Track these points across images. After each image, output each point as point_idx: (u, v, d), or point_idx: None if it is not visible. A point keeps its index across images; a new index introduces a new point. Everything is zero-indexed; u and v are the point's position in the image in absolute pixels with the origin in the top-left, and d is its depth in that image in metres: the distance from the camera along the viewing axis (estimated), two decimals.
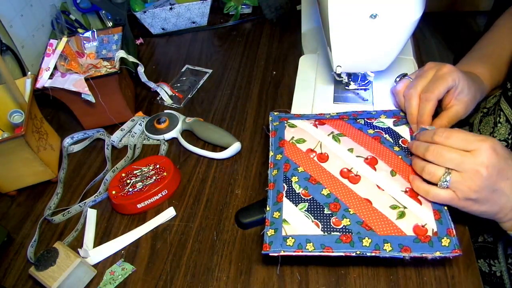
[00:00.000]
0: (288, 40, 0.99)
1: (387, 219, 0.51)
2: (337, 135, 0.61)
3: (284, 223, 0.52)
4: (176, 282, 0.57)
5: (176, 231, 0.63)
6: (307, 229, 0.52)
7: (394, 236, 0.49)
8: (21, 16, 0.89)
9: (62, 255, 0.56)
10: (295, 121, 0.65)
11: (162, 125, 0.77)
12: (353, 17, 0.55)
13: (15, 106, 0.73)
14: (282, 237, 0.51)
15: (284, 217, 0.53)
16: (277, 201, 0.55)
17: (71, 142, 0.80)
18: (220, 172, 0.71)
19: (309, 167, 0.57)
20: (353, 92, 0.71)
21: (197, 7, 1.02)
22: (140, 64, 0.81)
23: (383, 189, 0.54)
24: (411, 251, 0.48)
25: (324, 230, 0.51)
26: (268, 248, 0.51)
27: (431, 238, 0.49)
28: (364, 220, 0.51)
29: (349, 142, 0.60)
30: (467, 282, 0.53)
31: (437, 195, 0.50)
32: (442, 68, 0.58)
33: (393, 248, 0.49)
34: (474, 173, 0.46)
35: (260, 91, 0.86)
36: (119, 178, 0.68)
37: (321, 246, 0.50)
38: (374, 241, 0.49)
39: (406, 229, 0.50)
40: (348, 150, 0.58)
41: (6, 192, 0.72)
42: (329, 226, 0.51)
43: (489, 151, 0.46)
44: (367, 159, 0.57)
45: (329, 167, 0.57)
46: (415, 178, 0.53)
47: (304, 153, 0.59)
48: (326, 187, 0.55)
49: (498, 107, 0.64)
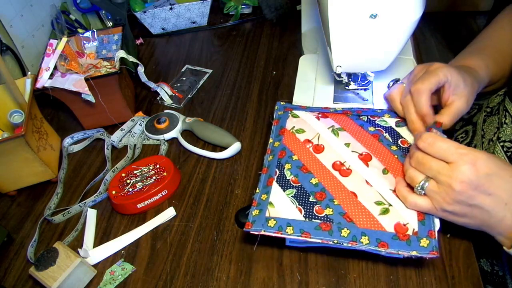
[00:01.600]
0: (288, 40, 0.99)
1: (369, 214, 0.52)
2: (337, 129, 0.62)
3: (269, 205, 0.55)
4: (176, 282, 0.57)
5: (176, 231, 0.63)
6: (290, 214, 0.53)
7: (373, 231, 0.50)
8: (21, 16, 0.89)
9: (62, 255, 0.56)
10: (299, 112, 0.66)
11: (162, 125, 0.77)
12: (353, 17, 0.55)
13: (15, 106, 0.73)
14: (265, 217, 0.53)
15: (271, 200, 0.55)
16: (267, 185, 0.58)
17: (71, 142, 0.80)
18: (220, 172, 0.71)
19: (303, 156, 0.59)
20: (353, 92, 0.71)
21: (197, 7, 1.02)
22: (140, 64, 0.81)
23: (372, 185, 0.55)
24: (388, 247, 0.49)
25: (306, 217, 0.53)
26: (250, 227, 0.53)
27: (410, 237, 0.49)
28: (347, 212, 0.52)
29: (348, 137, 0.61)
30: (467, 282, 0.53)
31: (414, 202, 0.50)
32: (432, 66, 0.58)
33: (370, 241, 0.49)
34: (447, 186, 0.46)
35: (260, 91, 0.86)
36: (119, 178, 0.68)
37: (300, 230, 0.52)
38: (352, 233, 0.50)
39: (387, 225, 0.51)
40: (345, 145, 0.59)
41: (6, 192, 0.72)
42: (311, 213, 0.53)
43: (466, 165, 0.45)
44: (362, 155, 0.58)
45: (323, 158, 0.58)
46: (400, 181, 0.53)
47: (301, 143, 0.61)
48: (315, 176, 0.56)
49: (503, 108, 0.64)
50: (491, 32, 0.71)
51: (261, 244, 0.59)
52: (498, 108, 0.67)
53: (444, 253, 0.56)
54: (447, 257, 0.55)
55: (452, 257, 0.55)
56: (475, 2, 2.44)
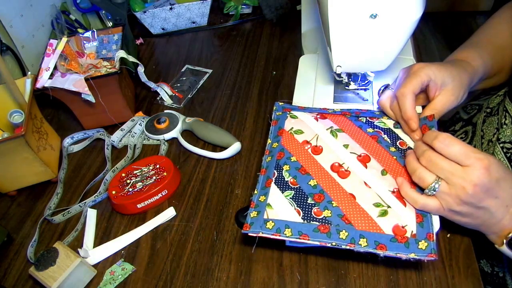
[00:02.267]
0: (288, 40, 0.99)
1: (367, 216, 0.52)
2: (335, 130, 0.62)
3: (267, 207, 0.54)
4: (176, 282, 0.57)
5: (176, 231, 0.63)
6: (288, 216, 0.53)
7: (371, 233, 0.50)
8: (21, 16, 0.89)
9: (62, 255, 0.56)
10: (297, 113, 0.66)
11: (162, 125, 0.77)
12: (353, 17, 0.55)
13: (15, 106, 0.73)
14: (263, 219, 0.53)
15: (269, 202, 0.55)
16: (265, 186, 0.57)
17: (71, 142, 0.80)
18: (220, 172, 0.71)
19: (301, 157, 0.59)
20: (353, 92, 0.71)
21: (197, 7, 1.02)
22: (140, 64, 0.81)
23: (370, 187, 0.54)
24: (386, 249, 0.49)
25: (304, 218, 0.53)
26: (248, 228, 0.53)
27: (408, 239, 0.49)
28: (345, 214, 0.52)
29: (346, 138, 0.60)
30: (467, 282, 0.53)
31: (426, 205, 0.50)
32: (413, 67, 0.58)
33: (369, 244, 0.49)
34: (461, 188, 0.46)
35: (260, 91, 0.86)
36: (119, 178, 0.68)
37: (298, 233, 0.51)
38: (351, 235, 0.50)
39: (386, 227, 0.51)
40: (343, 146, 0.59)
41: (6, 192, 0.72)
42: (310, 215, 0.53)
43: (482, 170, 0.45)
44: (360, 156, 0.58)
45: (321, 159, 0.58)
46: (403, 183, 0.53)
47: (299, 144, 0.61)
48: (314, 178, 0.56)
49: (503, 108, 0.64)
50: (487, 29, 0.71)
51: (261, 244, 0.59)
52: (498, 109, 0.67)
53: (444, 253, 0.56)
54: (447, 257, 0.55)
55: (452, 257, 0.55)
56: (475, 2, 2.44)
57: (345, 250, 0.51)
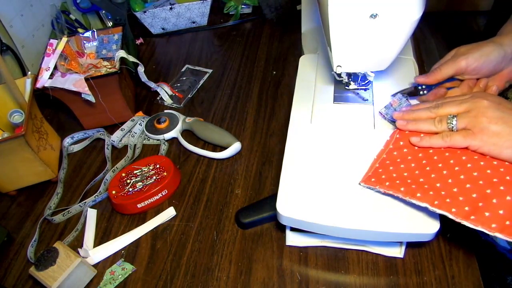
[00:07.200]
0: (288, 40, 0.99)
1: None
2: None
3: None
4: (176, 282, 0.57)
5: (176, 231, 0.63)
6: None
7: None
8: (21, 16, 0.89)
9: (62, 255, 0.56)
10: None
11: (162, 125, 0.77)
12: (353, 17, 0.55)
13: (15, 106, 0.73)
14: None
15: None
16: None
17: (71, 142, 0.80)
18: (220, 172, 0.71)
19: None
20: (353, 92, 0.71)
21: (197, 7, 1.02)
22: (140, 64, 0.81)
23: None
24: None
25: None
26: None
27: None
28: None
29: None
30: (467, 282, 0.53)
31: (454, 139, 0.52)
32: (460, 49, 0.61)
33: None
34: (474, 102, 0.51)
35: (260, 91, 0.86)
36: (119, 178, 0.68)
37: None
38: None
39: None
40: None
41: (6, 192, 0.72)
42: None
43: (481, 93, 0.53)
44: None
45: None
46: (424, 137, 0.55)
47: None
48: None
49: None
50: None
51: (261, 244, 0.60)
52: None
53: (444, 253, 0.56)
54: (447, 257, 0.55)
55: (452, 257, 0.55)
56: (475, 2, 2.44)
57: (345, 250, 0.50)
